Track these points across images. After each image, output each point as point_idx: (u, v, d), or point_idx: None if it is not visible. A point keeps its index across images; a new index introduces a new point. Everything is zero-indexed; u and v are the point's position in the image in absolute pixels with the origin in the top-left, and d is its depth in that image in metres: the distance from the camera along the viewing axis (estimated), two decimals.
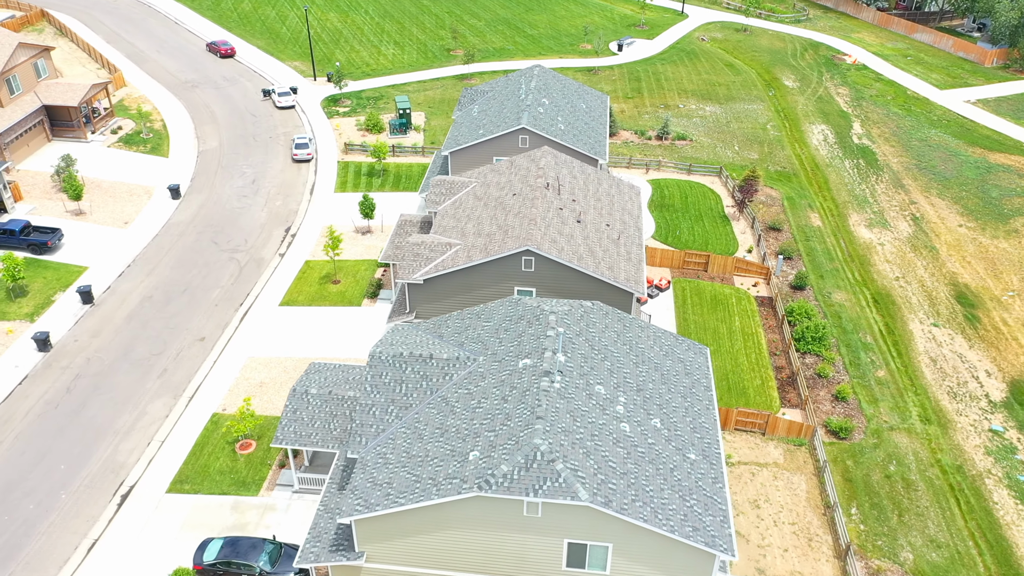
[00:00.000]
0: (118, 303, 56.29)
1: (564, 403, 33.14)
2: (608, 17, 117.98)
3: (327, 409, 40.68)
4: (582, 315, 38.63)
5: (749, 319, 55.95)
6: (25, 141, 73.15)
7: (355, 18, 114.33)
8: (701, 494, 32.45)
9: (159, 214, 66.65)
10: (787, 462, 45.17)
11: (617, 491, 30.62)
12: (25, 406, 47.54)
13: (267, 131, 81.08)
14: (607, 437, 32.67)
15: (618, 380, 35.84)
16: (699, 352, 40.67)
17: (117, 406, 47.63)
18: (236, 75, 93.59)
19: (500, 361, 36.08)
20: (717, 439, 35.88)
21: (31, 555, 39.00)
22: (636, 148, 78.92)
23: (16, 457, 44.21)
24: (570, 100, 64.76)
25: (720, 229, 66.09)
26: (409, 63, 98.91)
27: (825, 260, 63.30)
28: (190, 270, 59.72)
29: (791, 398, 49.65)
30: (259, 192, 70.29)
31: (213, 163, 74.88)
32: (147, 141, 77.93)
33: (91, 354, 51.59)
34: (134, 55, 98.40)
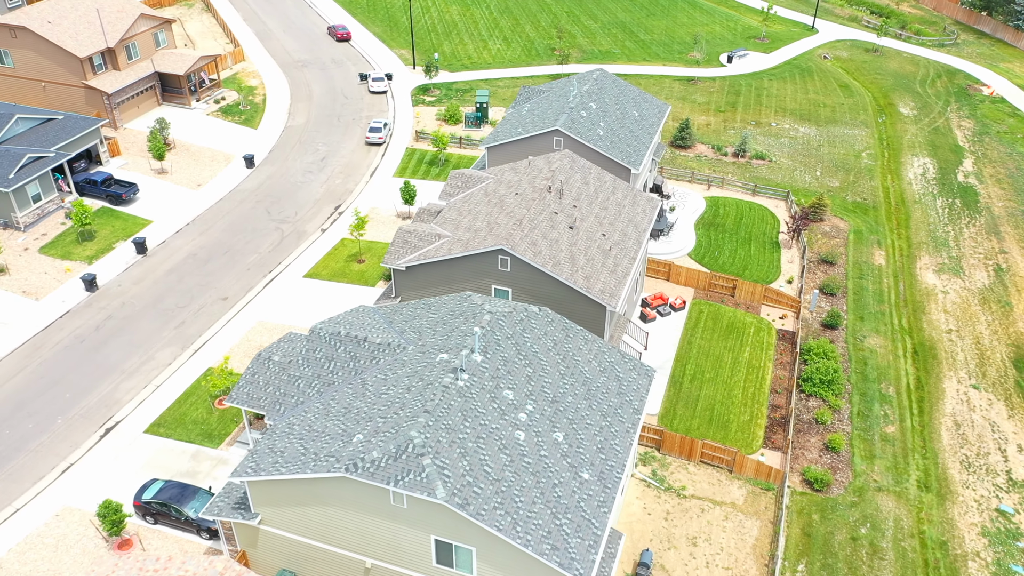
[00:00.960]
0: (166, 256, 61.21)
1: (460, 402, 33.16)
2: (730, 28, 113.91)
3: (284, 376, 42.60)
4: (522, 319, 38.30)
5: (761, 351, 52.95)
6: (136, 103, 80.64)
7: (475, 12, 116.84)
8: (578, 514, 31.54)
9: (230, 180, 71.61)
10: (746, 504, 42.62)
11: (482, 496, 30.38)
12: (57, 337, 52.89)
13: (353, 113, 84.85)
14: (494, 442, 32.39)
15: (533, 388, 35.34)
16: (643, 374, 39.22)
17: (131, 348, 52.01)
18: (344, 58, 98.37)
19: (424, 352, 36.51)
20: (624, 463, 34.62)
21: (15, 468, 43.59)
22: (707, 163, 76.14)
23: (34, 380, 49.38)
24: (622, 107, 63.53)
25: (766, 255, 62.73)
26: (511, 59, 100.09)
27: (873, 301, 58.65)
28: (236, 234, 63.90)
29: (776, 440, 46.69)
30: (324, 170, 73.89)
31: (294, 138, 79.37)
32: (243, 113, 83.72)
33: (127, 299, 56.52)
34: (261, 33, 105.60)
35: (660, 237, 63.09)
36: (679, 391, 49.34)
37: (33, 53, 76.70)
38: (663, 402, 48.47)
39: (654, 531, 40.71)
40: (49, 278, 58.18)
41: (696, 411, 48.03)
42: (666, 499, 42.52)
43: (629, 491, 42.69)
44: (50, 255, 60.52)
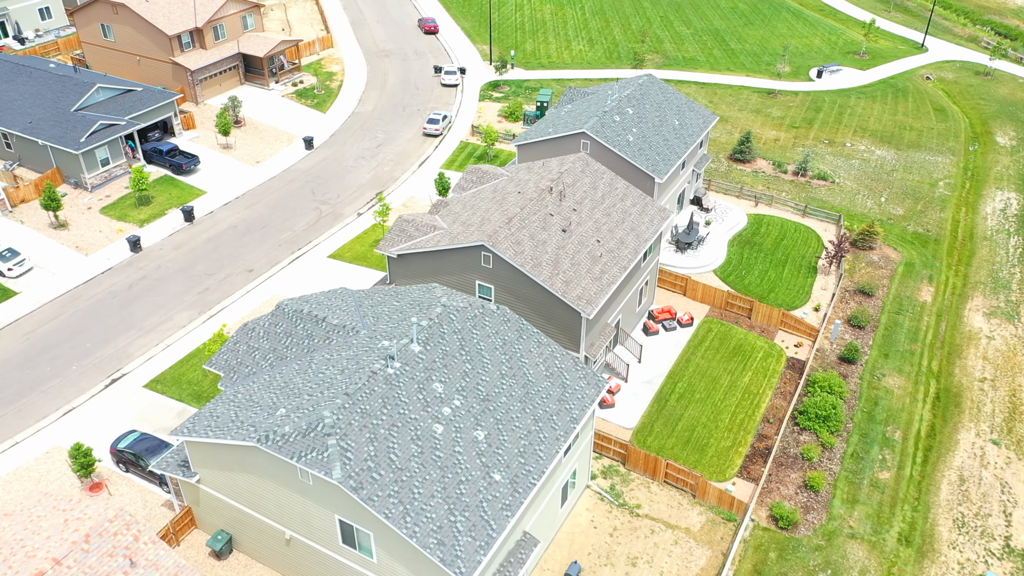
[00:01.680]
0: (209, 226, 64.78)
1: (384, 388, 33.68)
2: (830, 41, 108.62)
3: (264, 345, 44.31)
4: (475, 316, 38.36)
5: (763, 378, 50.63)
6: (219, 81, 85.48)
7: (567, 12, 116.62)
8: (476, 514, 31.45)
9: (286, 160, 74.83)
10: (702, 532, 41.01)
11: (379, 482, 30.82)
12: (94, 291, 57.07)
13: (419, 104, 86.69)
14: (408, 432, 32.73)
15: (467, 384, 35.38)
16: (592, 383, 38.42)
17: (154, 308, 55.47)
18: (427, 50, 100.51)
19: (372, 338, 37.22)
20: (543, 470, 34.14)
21: (24, 405, 47.49)
22: (762, 179, 73.18)
23: (63, 327, 53.54)
24: (662, 114, 62.03)
25: (798, 279, 59.79)
26: (590, 61, 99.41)
27: (904, 339, 54.87)
28: (277, 211, 66.80)
29: (753, 470, 44.60)
30: (377, 156, 75.97)
31: (357, 125, 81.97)
32: (317, 97, 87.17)
33: (163, 262, 60.27)
34: (356, 21, 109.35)
35: (688, 250, 61.28)
36: (662, 408, 47.93)
37: (131, 29, 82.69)
38: (643, 417, 47.26)
39: (595, 545, 39.87)
40: (102, 236, 62.79)
41: (675, 430, 46.55)
42: (617, 515, 41.52)
43: (581, 502, 41.96)
44: (108, 215, 65.29)
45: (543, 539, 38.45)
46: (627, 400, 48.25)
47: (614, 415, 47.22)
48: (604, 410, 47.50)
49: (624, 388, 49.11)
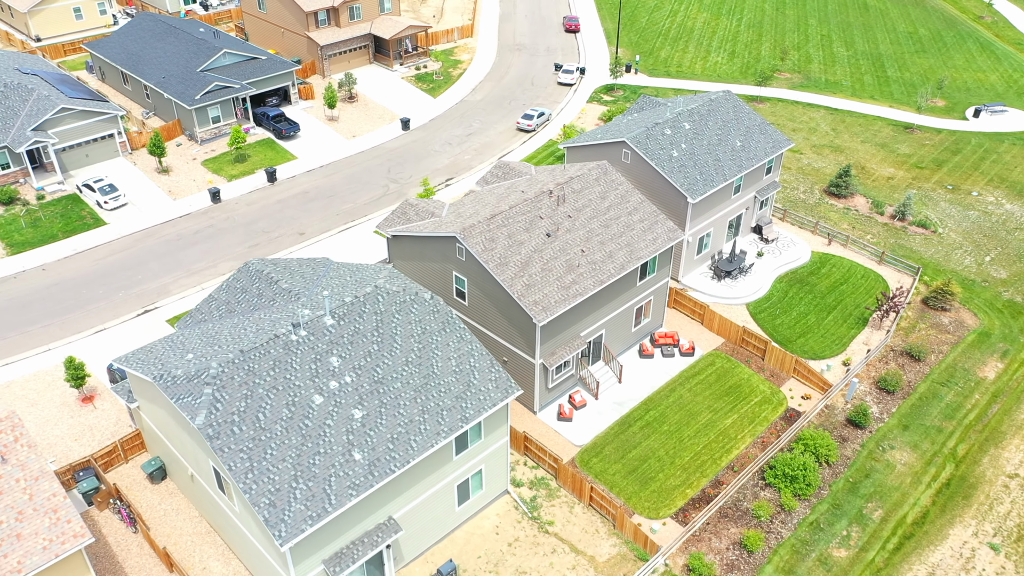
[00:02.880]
0: (285, 189, 69.81)
1: (279, 352, 35.38)
2: (1010, 79, 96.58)
3: (222, 297, 45.89)
4: (404, 301, 39.02)
5: (748, 424, 47.05)
6: (348, 58, 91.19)
7: (722, 22, 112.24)
8: (320, 487, 32.42)
9: (379, 138, 78.68)
10: (606, 564, 39.19)
11: (236, 437, 32.62)
12: (166, 232, 63.57)
13: (528, 99, 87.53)
14: (285, 397, 34.22)
15: (365, 364, 36.26)
16: (502, 389, 37.83)
17: (205, 254, 60.90)
18: (559, 48, 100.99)
19: (304, 306, 39.00)
20: (409, 461, 34.35)
21: (68, 319, 54.14)
22: (851, 217, 67.08)
23: (127, 259, 60.19)
24: (724, 133, 58.73)
25: (840, 329, 54.64)
26: (721, 74, 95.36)
27: (938, 414, 48.70)
28: (350, 184, 70.59)
29: (693, 515, 41.77)
30: (463, 144, 77.88)
31: (459, 112, 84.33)
32: (434, 82, 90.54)
33: (232, 215, 65.87)
34: (505, 15, 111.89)
35: (726, 279, 57.84)
36: (622, 432, 46.01)
37: (278, 3, 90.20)
38: (597, 437, 45.66)
39: (488, 551, 39.40)
40: (193, 185, 69.63)
41: (624, 457, 44.59)
42: (526, 527, 40.69)
43: (495, 507, 41.51)
44: (207, 167, 72.20)
45: (430, 533, 38.63)
46: (589, 417, 46.82)
47: (569, 429, 46.04)
48: (560, 422, 46.44)
49: (590, 405, 47.64)
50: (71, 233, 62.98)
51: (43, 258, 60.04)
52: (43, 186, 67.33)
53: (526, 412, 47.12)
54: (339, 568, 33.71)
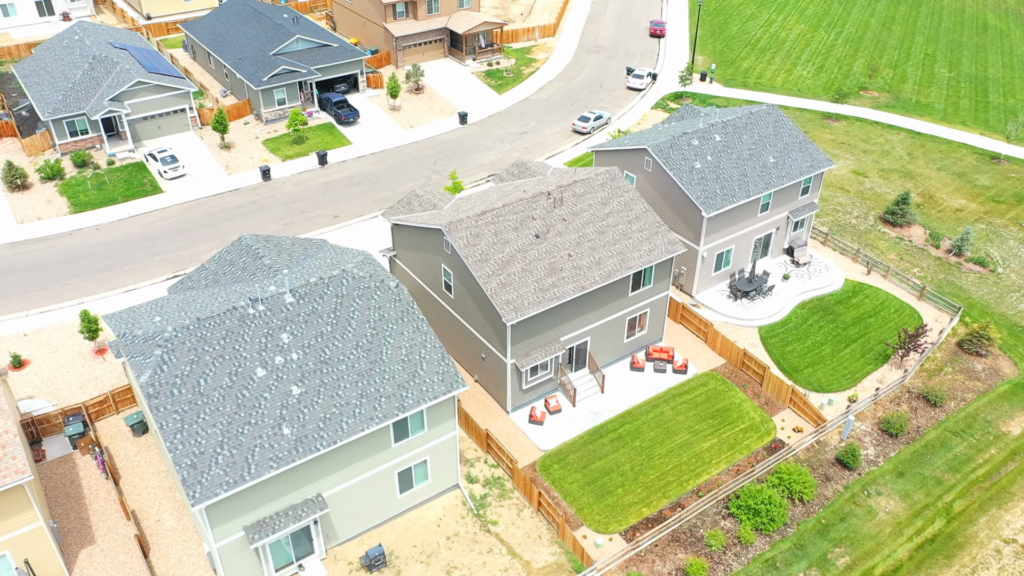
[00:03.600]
0: (333, 172, 72.21)
1: (234, 324, 36.93)
2: None
3: (212, 268, 47.54)
4: (368, 287, 39.80)
5: (727, 450, 45.22)
6: (421, 50, 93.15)
7: (819, 35, 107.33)
8: (243, 455, 33.73)
9: (435, 130, 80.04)
10: (540, 570, 38.70)
11: (174, 399, 34.35)
12: (214, 204, 67.11)
13: (593, 102, 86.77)
14: (229, 366, 35.70)
15: (315, 344, 37.28)
16: (448, 383, 37.97)
17: (242, 228, 63.87)
18: (640, 52, 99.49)
19: (273, 282, 40.43)
20: (336, 441, 35.13)
21: (106, 277, 58.00)
22: (901, 248, 62.96)
23: (172, 226, 63.92)
24: (758, 149, 56.42)
25: (855, 363, 51.57)
26: (802, 88, 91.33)
27: (943, 465, 45.24)
28: (394, 172, 72.22)
29: (638, 534, 40.58)
30: (514, 142, 78.13)
31: (520, 110, 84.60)
32: (503, 79, 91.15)
33: (277, 193, 68.79)
34: (593, 16, 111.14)
35: (742, 299, 55.64)
36: (591, 443, 45.22)
37: None
38: (564, 444, 45.05)
39: (424, 541, 39.70)
40: (249, 162, 73.14)
41: (587, 467, 43.81)
42: (469, 524, 40.72)
43: (443, 500, 41.75)
44: (266, 146, 75.63)
45: (369, 516, 39.32)
46: (561, 423, 46.27)
47: (538, 432, 45.66)
48: (531, 425, 46.13)
49: (565, 411, 47.06)
50: (130, 198, 67.55)
51: (100, 219, 64.74)
52: (115, 152, 72.48)
53: (500, 411, 47.10)
54: (260, 536, 34.96)
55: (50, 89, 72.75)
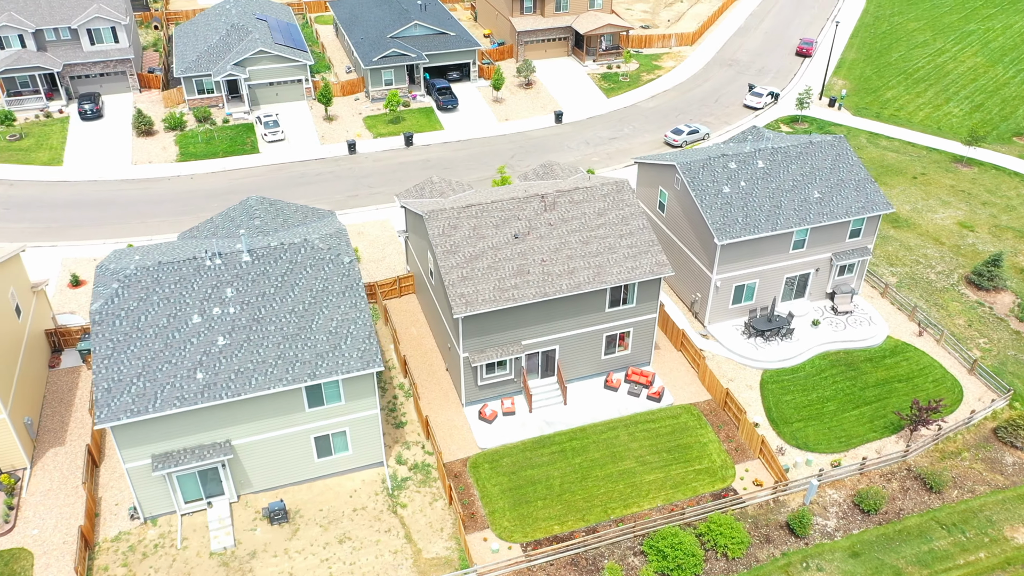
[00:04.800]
0: (414, 154, 75.12)
1: (189, 272, 40.30)
2: None
3: (217, 221, 49.86)
4: (321, 258, 41.71)
5: (671, 487, 42.83)
6: (544, 47, 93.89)
7: (994, 71, 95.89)
8: (152, 390, 36.96)
9: (528, 125, 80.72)
10: (428, 561, 38.94)
11: (115, 328, 38.24)
12: (297, 170, 72.18)
13: (702, 116, 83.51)
14: (170, 309, 39.06)
15: (254, 303, 39.80)
16: (367, 362, 39.04)
17: (309, 195, 68.18)
18: (774, 70, 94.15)
19: (242, 242, 43.24)
20: (241, 394, 37.41)
21: (177, 221, 64.33)
22: (976, 312, 55.67)
23: (248, 185, 69.56)
24: (805, 181, 52.19)
25: (856, 428, 46.77)
26: (942, 126, 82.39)
27: (909, 556, 40.16)
28: (470, 162, 73.84)
29: (534, 553, 39.56)
30: (599, 147, 77.08)
31: (621, 116, 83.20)
32: (618, 83, 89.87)
33: (354, 167, 72.72)
34: (744, 28, 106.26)
35: (756, 338, 51.97)
36: (532, 451, 44.51)
37: None
38: (503, 447, 44.75)
39: (331, 508, 41.15)
40: (344, 135, 77.76)
41: (516, 473, 43.27)
42: (380, 501, 41.69)
43: (365, 473, 42.97)
44: (365, 123, 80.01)
45: (285, 472, 41.37)
46: (509, 426, 45.93)
47: (483, 430, 45.65)
48: (479, 422, 46.15)
49: (518, 415, 46.61)
50: (230, 154, 74.29)
51: (197, 170, 71.88)
52: (231, 113, 79.84)
53: (458, 403, 47.58)
54: (164, 466, 38.08)
55: (190, 50, 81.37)
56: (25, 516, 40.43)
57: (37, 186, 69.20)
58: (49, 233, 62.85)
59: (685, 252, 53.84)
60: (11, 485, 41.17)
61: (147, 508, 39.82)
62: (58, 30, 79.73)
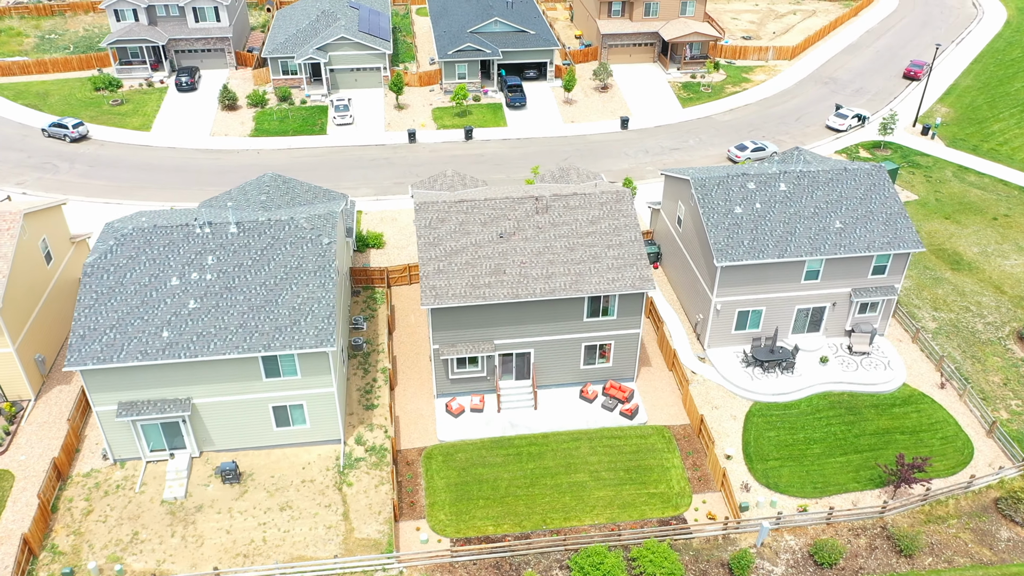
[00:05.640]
0: (471, 148, 76.15)
1: (179, 238, 43.06)
2: None
3: (233, 193, 52.88)
4: (302, 237, 43.46)
5: (618, 507, 41.76)
6: (629, 51, 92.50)
7: None
8: (120, 344, 39.83)
9: (591, 129, 79.91)
10: (356, 540, 39.87)
11: (100, 282, 41.45)
12: (355, 154, 74.88)
13: (776, 133, 79.88)
14: (154, 269, 41.91)
15: (231, 272, 42.05)
16: (320, 342, 40.31)
17: (358, 178, 70.62)
18: (872, 91, 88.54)
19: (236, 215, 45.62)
20: (198, 356, 39.55)
21: (189, 194, 68.39)
22: (1016, 372, 50.54)
23: (309, 164, 72.76)
24: (829, 209, 49.08)
25: (837, 476, 43.79)
26: None
27: None
28: (522, 160, 73.96)
29: (458, 548, 39.58)
30: (657, 156, 75.27)
31: (690, 127, 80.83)
32: (698, 93, 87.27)
33: (409, 156, 74.61)
34: (855, 45, 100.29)
35: (753, 368, 49.51)
36: (487, 449, 44.53)
37: None
38: (462, 441, 45.02)
39: (283, 476, 42.81)
40: (408, 124, 79.87)
41: (466, 470, 43.45)
42: (328, 477, 42.99)
43: (322, 448, 44.40)
44: (432, 113, 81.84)
45: (245, 436, 43.39)
46: (473, 423, 46.09)
47: (447, 423, 46.04)
48: (445, 415, 46.58)
49: (485, 413, 46.66)
50: (299, 134, 78.04)
51: (266, 145, 75.97)
52: (310, 94, 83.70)
53: (431, 393, 48.21)
54: (127, 413, 40.89)
55: (281, 32, 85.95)
56: (18, 443, 44.60)
57: (124, 148, 75.38)
58: (119, 191, 68.41)
59: (693, 270, 52.07)
60: (12, 413, 45.50)
61: (116, 451, 42.97)
62: (168, 6, 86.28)
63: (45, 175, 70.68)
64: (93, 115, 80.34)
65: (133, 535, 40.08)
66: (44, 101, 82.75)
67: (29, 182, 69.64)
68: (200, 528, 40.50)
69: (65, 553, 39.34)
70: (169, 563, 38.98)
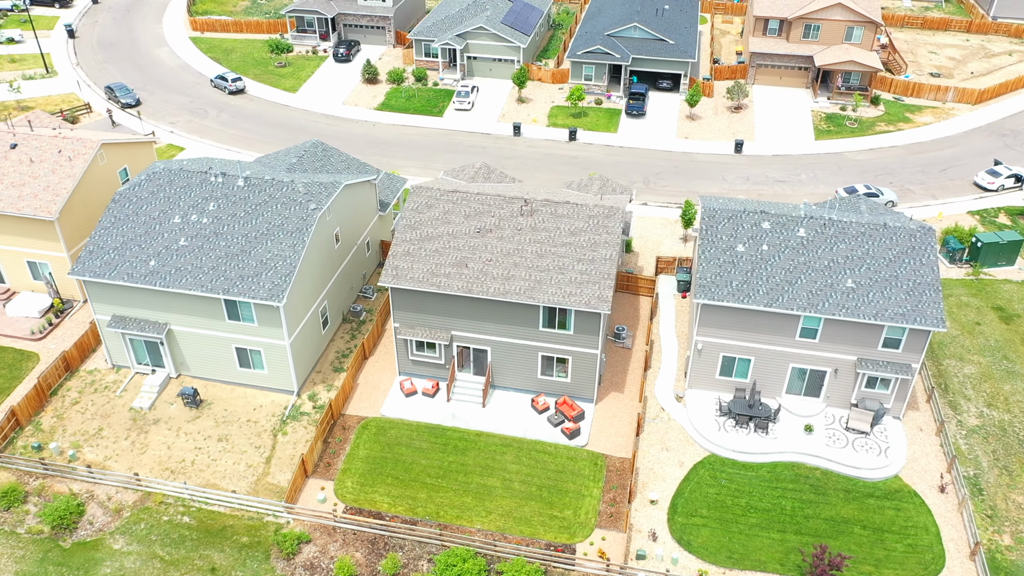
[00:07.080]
0: (569, 149, 76.06)
1: (195, 183, 48.32)
2: None
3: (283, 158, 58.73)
4: (297, 199, 46.91)
5: (512, 520, 40.98)
6: (779, 73, 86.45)
7: None
8: (115, 265, 45.67)
9: (701, 148, 76.33)
10: (265, 484, 42.70)
11: (123, 210, 47.56)
12: (449, 138, 77.59)
13: (915, 182, 71.37)
14: (165, 206, 47.35)
15: (226, 219, 46.54)
16: (271, 295, 43.26)
17: (443, 158, 73.15)
18: None
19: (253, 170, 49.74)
20: (170, 287, 44.21)
21: None
22: None
23: (400, 141, 76.57)
24: (845, 265, 43.89)
25: (760, 553, 39.67)
26: None
27: None
28: (608, 168, 72.67)
29: (356, 532, 40.86)
30: (759, 186, 70.40)
31: (809, 161, 74.56)
32: (839, 127, 79.88)
33: (506, 147, 76.01)
34: None
35: (727, 420, 45.67)
36: (416, 433, 45.46)
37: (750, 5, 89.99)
38: (399, 420, 46.23)
39: (233, 412, 46.66)
40: (523, 117, 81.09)
41: (389, 447, 44.75)
42: (269, 423, 46.25)
43: (276, 395, 47.64)
44: (549, 112, 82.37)
45: (214, 369, 47.77)
46: (419, 406, 47.07)
47: (395, 400, 47.44)
48: (398, 393, 47.94)
49: (436, 400, 47.45)
50: (419, 113, 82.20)
51: (384, 119, 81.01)
52: (443, 78, 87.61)
53: (394, 369, 49.84)
54: (116, 326, 46.71)
55: (433, 17, 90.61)
56: (56, 335, 52.44)
57: (268, 105, 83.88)
58: (240, 141, 76.56)
59: (694, 304, 49.00)
60: (60, 308, 53.51)
61: (113, 357, 49.22)
62: None
63: (195, 119, 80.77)
64: (258, 73, 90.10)
65: (98, 430, 45.99)
66: (227, 56, 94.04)
67: (180, 123, 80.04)
68: (149, 438, 45.53)
69: (44, 431, 46.08)
70: (112, 460, 44.35)
